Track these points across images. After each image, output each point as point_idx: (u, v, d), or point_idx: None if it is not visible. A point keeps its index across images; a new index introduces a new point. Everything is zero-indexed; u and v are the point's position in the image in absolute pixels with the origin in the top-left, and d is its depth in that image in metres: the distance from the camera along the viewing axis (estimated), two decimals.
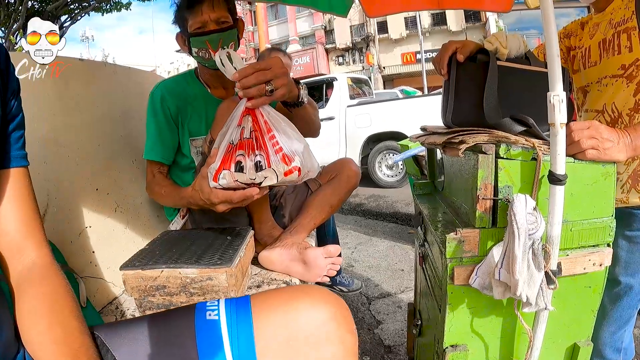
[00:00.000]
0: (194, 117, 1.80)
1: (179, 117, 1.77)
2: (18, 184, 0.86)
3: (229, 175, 1.25)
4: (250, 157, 1.25)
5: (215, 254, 1.29)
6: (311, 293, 0.93)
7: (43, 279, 0.84)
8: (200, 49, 1.70)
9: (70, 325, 0.80)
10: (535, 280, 1.00)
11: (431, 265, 1.40)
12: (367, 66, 30.95)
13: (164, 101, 1.74)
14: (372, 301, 3.16)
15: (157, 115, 1.74)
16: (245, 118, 1.29)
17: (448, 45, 1.39)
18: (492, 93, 1.25)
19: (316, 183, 1.88)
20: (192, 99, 1.81)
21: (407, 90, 15.59)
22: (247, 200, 1.33)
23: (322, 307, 0.89)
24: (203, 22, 1.66)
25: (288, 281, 1.53)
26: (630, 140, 1.13)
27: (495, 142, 1.08)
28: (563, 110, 0.98)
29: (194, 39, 1.69)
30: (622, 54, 1.37)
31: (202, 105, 1.81)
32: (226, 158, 1.27)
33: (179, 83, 1.85)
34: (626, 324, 1.49)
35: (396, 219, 5.33)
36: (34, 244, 0.87)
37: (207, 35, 1.67)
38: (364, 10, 2.58)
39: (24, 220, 0.86)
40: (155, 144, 1.75)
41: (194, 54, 1.74)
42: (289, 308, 0.89)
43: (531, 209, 0.99)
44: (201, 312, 0.91)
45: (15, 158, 0.86)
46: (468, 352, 1.20)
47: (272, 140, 1.26)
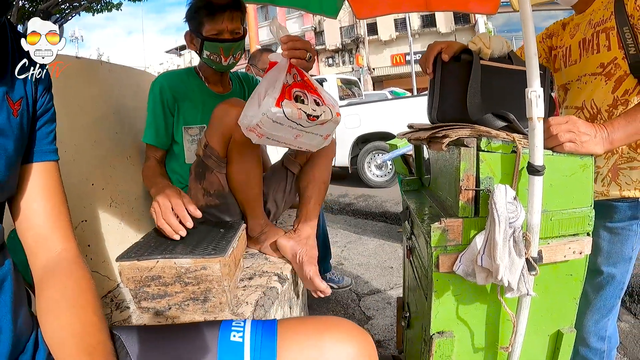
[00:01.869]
0: (191, 106, 1.93)
1: (175, 106, 1.90)
2: (47, 177, 0.88)
3: (291, 104, 1.36)
4: (308, 94, 1.45)
5: (209, 245, 1.33)
6: (339, 327, 0.93)
7: (67, 272, 0.85)
8: (212, 53, 1.86)
9: (90, 321, 0.81)
10: (517, 266, 1.05)
11: (418, 257, 1.44)
12: (356, 67, 30.95)
13: (163, 90, 1.88)
14: (361, 298, 3.20)
15: (155, 103, 1.88)
16: (292, 70, 1.47)
17: (433, 45, 1.44)
18: (475, 91, 1.30)
19: (295, 164, 1.95)
20: (190, 90, 1.94)
21: (397, 92, 15.60)
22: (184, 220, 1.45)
23: (349, 343, 0.90)
24: (220, 30, 1.82)
25: (279, 273, 1.57)
26: (607, 134, 1.18)
27: (477, 136, 1.13)
28: (540, 105, 1.03)
29: (209, 43, 1.84)
30: (600, 52, 1.41)
31: (199, 97, 1.96)
32: (283, 93, 1.38)
33: (179, 75, 1.99)
34: (609, 312, 1.54)
35: (385, 218, 5.37)
36: (60, 237, 0.88)
37: (222, 42, 1.83)
38: (353, 11, 2.63)
39: (52, 213, 0.88)
40: (151, 129, 1.90)
41: (204, 55, 1.89)
42: (315, 342, 0.90)
43: (511, 198, 1.04)
44: (226, 332, 0.91)
45: (45, 152, 0.88)
46: (454, 339, 1.24)
47: (316, 89, 1.49)
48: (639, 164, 1.39)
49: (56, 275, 0.84)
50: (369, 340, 0.94)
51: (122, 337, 0.88)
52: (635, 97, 1.36)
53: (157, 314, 1.31)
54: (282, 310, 1.54)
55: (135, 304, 1.31)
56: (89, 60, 1.88)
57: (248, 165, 1.71)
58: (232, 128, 1.59)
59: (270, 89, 1.40)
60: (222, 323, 0.94)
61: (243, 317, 1.28)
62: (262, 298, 1.39)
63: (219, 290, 1.27)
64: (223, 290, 1.27)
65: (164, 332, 0.94)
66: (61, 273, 0.85)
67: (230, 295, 1.31)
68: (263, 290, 1.44)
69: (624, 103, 1.38)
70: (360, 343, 0.91)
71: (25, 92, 0.82)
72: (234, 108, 1.59)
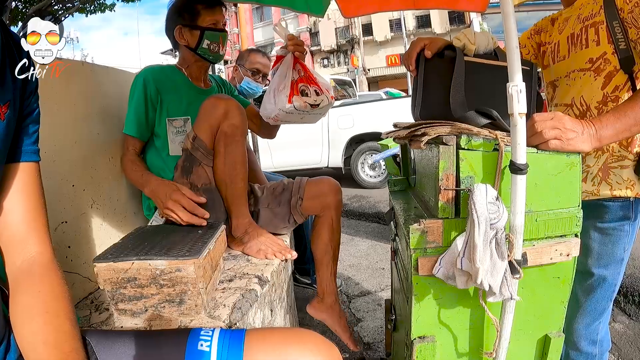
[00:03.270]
0: (175, 99, 1.96)
1: (158, 98, 1.92)
2: (27, 178, 0.87)
3: (299, 99, 1.84)
4: (310, 87, 1.89)
5: (185, 246, 1.30)
6: (305, 339, 0.94)
7: (42, 276, 0.84)
8: (212, 42, 1.97)
9: (63, 328, 0.80)
10: (499, 270, 1.01)
11: (400, 259, 1.41)
12: (352, 68, 31.10)
13: (147, 83, 1.90)
14: (352, 299, 3.17)
15: (138, 95, 1.90)
16: (296, 66, 1.92)
17: (416, 42, 1.41)
18: (458, 88, 1.27)
19: (297, 197, 2.02)
20: (174, 83, 1.99)
21: (392, 92, 15.62)
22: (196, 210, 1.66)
23: (314, 355, 0.91)
24: (217, 21, 1.97)
25: (260, 275, 1.53)
26: (594, 130, 1.14)
27: (457, 133, 1.09)
28: (522, 101, 0.99)
29: (210, 32, 1.95)
30: (589, 47, 1.39)
31: (183, 90, 2.01)
32: (292, 89, 1.84)
33: (163, 70, 2.04)
34: (601, 315, 1.51)
35: (378, 219, 5.35)
36: (36, 239, 0.87)
37: (221, 32, 1.99)
38: (340, 10, 2.61)
39: (29, 214, 0.87)
40: (132, 121, 1.91)
41: (203, 46, 1.97)
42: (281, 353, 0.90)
43: (492, 198, 1.00)
44: (194, 340, 0.91)
45: (27, 153, 0.88)
46: (436, 344, 1.21)
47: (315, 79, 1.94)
48: (630, 162, 1.36)
49: (30, 279, 0.83)
50: (335, 353, 0.95)
51: (92, 343, 0.87)
52: (626, 94, 1.34)
53: (134, 316, 1.28)
54: (261, 313, 1.50)
55: (113, 305, 1.28)
56: (70, 61, 1.85)
57: (234, 158, 1.76)
58: (219, 119, 1.71)
59: (282, 86, 1.87)
60: (191, 331, 0.94)
61: (219, 319, 1.25)
62: (240, 301, 1.36)
63: (194, 292, 1.24)
64: (198, 292, 1.24)
65: (135, 337, 0.92)
66: (35, 277, 0.84)
67: (206, 298, 1.28)
68: (242, 292, 1.40)
69: (614, 100, 1.35)
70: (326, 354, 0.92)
71: (13, 95, 0.82)
72: (222, 101, 1.73)
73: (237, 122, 1.74)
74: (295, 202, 2.00)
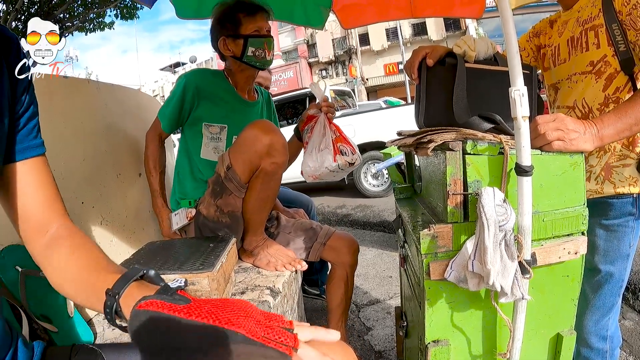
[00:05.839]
0: (213, 105, 2.00)
1: (195, 102, 1.97)
2: (37, 171, 0.88)
3: (341, 157, 1.89)
4: (346, 146, 1.93)
5: (198, 260, 1.31)
6: None
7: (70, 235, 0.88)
8: (257, 48, 1.97)
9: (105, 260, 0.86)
10: (509, 270, 1.02)
11: (410, 265, 1.42)
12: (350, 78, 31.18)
13: (187, 85, 1.94)
14: (361, 309, 3.16)
15: (177, 95, 1.95)
16: (331, 126, 1.97)
17: (418, 50, 1.43)
18: (461, 94, 1.28)
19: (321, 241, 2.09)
20: (215, 89, 2.02)
21: (391, 101, 15.65)
22: None
23: None
24: (259, 27, 1.97)
25: (271, 287, 1.54)
26: (596, 130, 1.16)
27: (463, 139, 1.11)
28: (525, 104, 1.01)
29: (254, 39, 1.96)
30: (590, 50, 1.41)
31: (224, 97, 2.04)
32: (334, 149, 1.89)
33: (209, 75, 2.07)
34: (610, 311, 1.51)
35: (383, 228, 5.33)
36: (56, 217, 0.89)
37: (265, 37, 1.99)
38: (339, 21, 2.65)
39: (47, 202, 0.88)
40: (165, 114, 1.99)
41: (248, 53, 1.97)
42: None
43: (500, 201, 1.02)
44: None
45: (32, 148, 0.88)
46: (450, 347, 1.22)
47: (347, 139, 1.98)
48: (632, 161, 1.38)
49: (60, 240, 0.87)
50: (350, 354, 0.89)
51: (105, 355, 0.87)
52: (627, 94, 1.35)
53: None
54: None
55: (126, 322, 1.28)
56: (76, 79, 1.87)
57: (267, 194, 1.77)
58: (261, 156, 1.64)
59: (323, 144, 1.93)
60: None
61: None
62: None
63: None
64: None
65: None
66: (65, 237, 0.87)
67: None
68: (255, 304, 1.41)
69: (615, 101, 1.37)
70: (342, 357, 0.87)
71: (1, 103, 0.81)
72: (266, 135, 1.64)
73: (280, 161, 1.69)
74: (319, 245, 2.06)
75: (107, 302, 0.74)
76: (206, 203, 1.81)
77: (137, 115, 2.27)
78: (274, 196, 1.84)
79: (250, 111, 2.13)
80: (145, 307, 0.66)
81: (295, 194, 3.06)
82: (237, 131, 1.94)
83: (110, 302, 0.74)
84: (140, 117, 2.29)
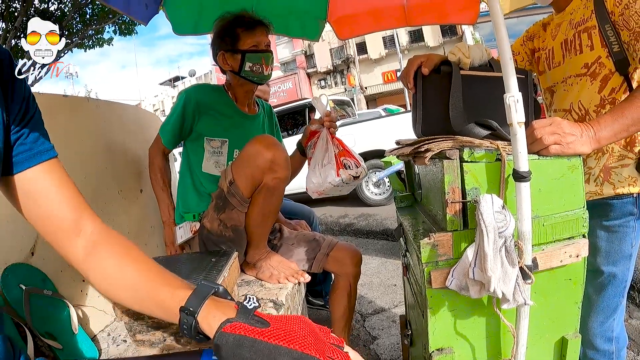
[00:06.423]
0: (214, 120, 2.01)
1: (195, 118, 1.98)
2: (54, 173, 0.89)
3: (345, 172, 1.86)
4: (349, 159, 1.91)
5: (200, 274, 1.32)
6: None
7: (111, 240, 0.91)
8: (255, 63, 1.98)
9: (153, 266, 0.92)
10: (510, 276, 1.02)
11: (412, 273, 1.42)
12: (349, 88, 31.26)
13: (188, 101, 1.96)
14: (366, 318, 3.16)
15: (177, 111, 1.97)
16: (333, 141, 1.95)
17: (413, 60, 1.44)
18: (457, 101, 1.29)
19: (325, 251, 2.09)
20: (217, 104, 2.04)
21: (390, 109, 15.67)
22: None
23: None
24: (257, 42, 1.97)
25: (275, 300, 1.54)
26: (593, 132, 1.17)
27: (460, 147, 1.11)
28: (520, 110, 1.02)
29: (251, 54, 1.97)
30: (584, 53, 1.41)
31: (225, 112, 2.05)
32: (337, 164, 1.87)
33: (210, 90, 2.09)
34: (614, 312, 1.51)
35: (386, 236, 5.33)
36: (87, 218, 0.91)
37: (263, 52, 1.99)
38: (335, 33, 2.67)
39: (73, 201, 0.89)
40: (167, 130, 2.00)
41: (245, 68, 1.98)
42: None
43: (499, 207, 1.02)
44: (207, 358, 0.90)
45: (43, 152, 0.88)
46: (454, 355, 1.21)
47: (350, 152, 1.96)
48: (630, 161, 1.38)
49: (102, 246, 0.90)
50: None
51: None
52: (623, 95, 1.36)
53: (152, 346, 1.28)
54: None
55: (131, 337, 1.29)
56: (76, 98, 1.89)
57: (270, 209, 1.77)
58: (263, 171, 1.65)
59: (326, 160, 1.91)
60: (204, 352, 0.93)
61: None
62: None
63: None
64: None
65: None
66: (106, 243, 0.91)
67: None
68: None
69: (611, 102, 1.38)
70: None
71: None
72: (268, 151, 1.64)
73: (283, 176, 1.69)
74: (322, 256, 2.06)
75: (185, 320, 0.79)
76: (210, 217, 1.81)
77: (137, 132, 2.28)
78: (277, 210, 1.84)
79: (251, 124, 2.14)
80: (231, 331, 0.72)
81: (296, 206, 3.06)
82: (238, 145, 1.96)
83: (189, 320, 0.79)
84: (140, 133, 2.30)
